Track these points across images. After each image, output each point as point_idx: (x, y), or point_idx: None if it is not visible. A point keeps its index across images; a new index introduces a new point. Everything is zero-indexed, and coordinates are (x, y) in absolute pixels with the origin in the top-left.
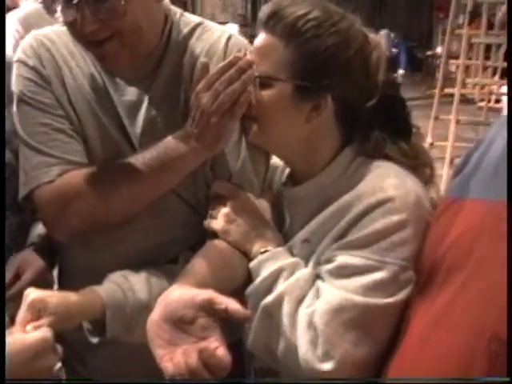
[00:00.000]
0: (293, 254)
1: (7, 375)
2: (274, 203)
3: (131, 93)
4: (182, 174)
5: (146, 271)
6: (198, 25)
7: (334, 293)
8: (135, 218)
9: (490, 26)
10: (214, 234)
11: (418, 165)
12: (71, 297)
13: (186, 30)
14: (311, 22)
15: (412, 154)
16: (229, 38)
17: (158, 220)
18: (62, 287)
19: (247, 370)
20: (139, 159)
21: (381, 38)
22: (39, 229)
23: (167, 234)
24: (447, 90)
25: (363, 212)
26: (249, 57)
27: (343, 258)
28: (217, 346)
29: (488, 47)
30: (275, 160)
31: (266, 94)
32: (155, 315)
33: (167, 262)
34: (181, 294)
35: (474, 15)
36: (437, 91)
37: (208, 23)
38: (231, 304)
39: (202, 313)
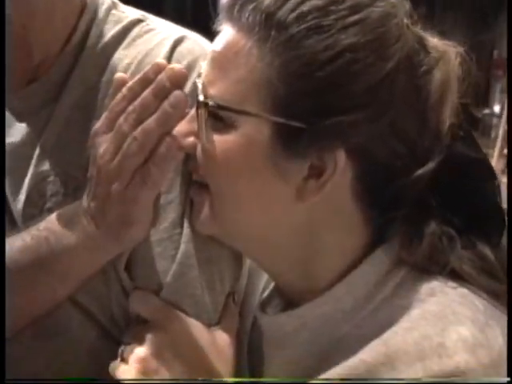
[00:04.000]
0: None
1: None
2: (250, 333)
3: (17, 132)
4: (73, 280)
5: None
6: (136, 23)
7: None
8: (11, 341)
9: None
10: None
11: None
12: None
13: (114, 31)
14: (309, 1)
15: (502, 269)
16: (177, 42)
17: (49, 347)
18: None
19: None
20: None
21: (453, 48)
22: None
23: (63, 371)
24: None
25: None
26: (178, 66)
27: None
28: None
29: None
30: None
31: (222, 140)
32: None
33: None
34: None
35: None
36: (495, 152)
37: (154, 20)
38: None
39: None
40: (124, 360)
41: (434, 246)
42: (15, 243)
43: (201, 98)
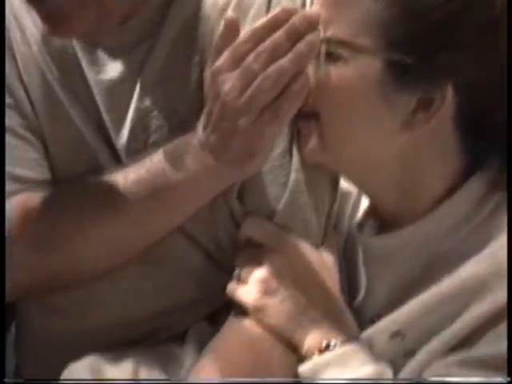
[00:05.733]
0: (372, 353)
1: None
2: (342, 253)
3: (114, 69)
4: (189, 209)
5: (132, 358)
6: None
7: None
8: (119, 270)
9: None
10: (241, 308)
11: None
12: None
13: None
14: None
15: None
16: None
17: (155, 271)
18: (19, 357)
19: None
20: (119, 181)
21: None
22: None
23: (170, 295)
24: None
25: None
26: (312, 10)
27: None
28: None
29: None
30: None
31: (337, 73)
32: None
33: (168, 340)
34: None
35: None
36: None
37: None
38: None
39: None
40: (242, 281)
41: None
42: (129, 177)
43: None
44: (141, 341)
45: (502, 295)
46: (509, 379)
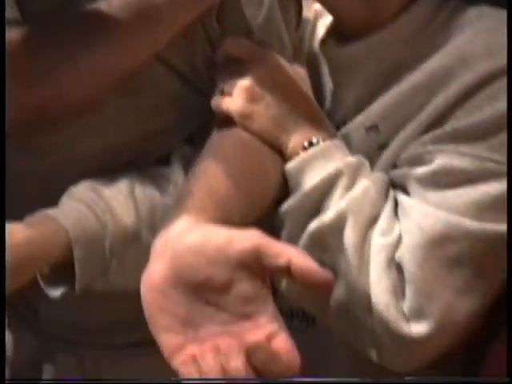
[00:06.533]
0: (350, 149)
1: None
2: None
3: None
4: (170, 29)
5: (126, 179)
6: None
7: (430, 214)
8: (100, 105)
9: None
10: (226, 121)
11: None
12: (17, 235)
13: None
14: None
15: None
16: None
17: (135, 101)
18: None
19: None
20: (104, 8)
21: None
22: None
23: (150, 121)
24: None
25: (475, 84)
26: None
27: (445, 158)
28: (275, 336)
29: None
30: None
31: None
32: (157, 273)
33: (154, 163)
34: (200, 239)
35: None
36: None
37: None
38: (296, 257)
39: (243, 272)
40: (226, 94)
41: None
42: (113, 2)
43: None
44: (128, 167)
45: (465, 78)
46: (508, 379)
